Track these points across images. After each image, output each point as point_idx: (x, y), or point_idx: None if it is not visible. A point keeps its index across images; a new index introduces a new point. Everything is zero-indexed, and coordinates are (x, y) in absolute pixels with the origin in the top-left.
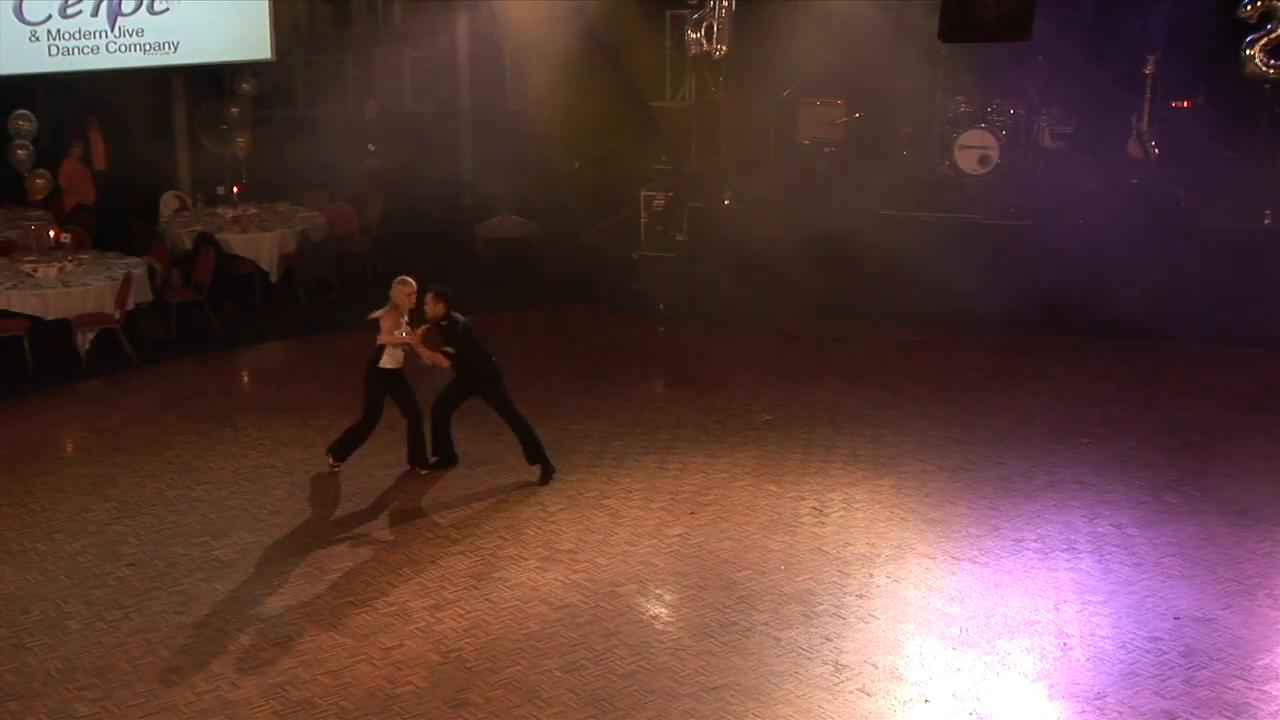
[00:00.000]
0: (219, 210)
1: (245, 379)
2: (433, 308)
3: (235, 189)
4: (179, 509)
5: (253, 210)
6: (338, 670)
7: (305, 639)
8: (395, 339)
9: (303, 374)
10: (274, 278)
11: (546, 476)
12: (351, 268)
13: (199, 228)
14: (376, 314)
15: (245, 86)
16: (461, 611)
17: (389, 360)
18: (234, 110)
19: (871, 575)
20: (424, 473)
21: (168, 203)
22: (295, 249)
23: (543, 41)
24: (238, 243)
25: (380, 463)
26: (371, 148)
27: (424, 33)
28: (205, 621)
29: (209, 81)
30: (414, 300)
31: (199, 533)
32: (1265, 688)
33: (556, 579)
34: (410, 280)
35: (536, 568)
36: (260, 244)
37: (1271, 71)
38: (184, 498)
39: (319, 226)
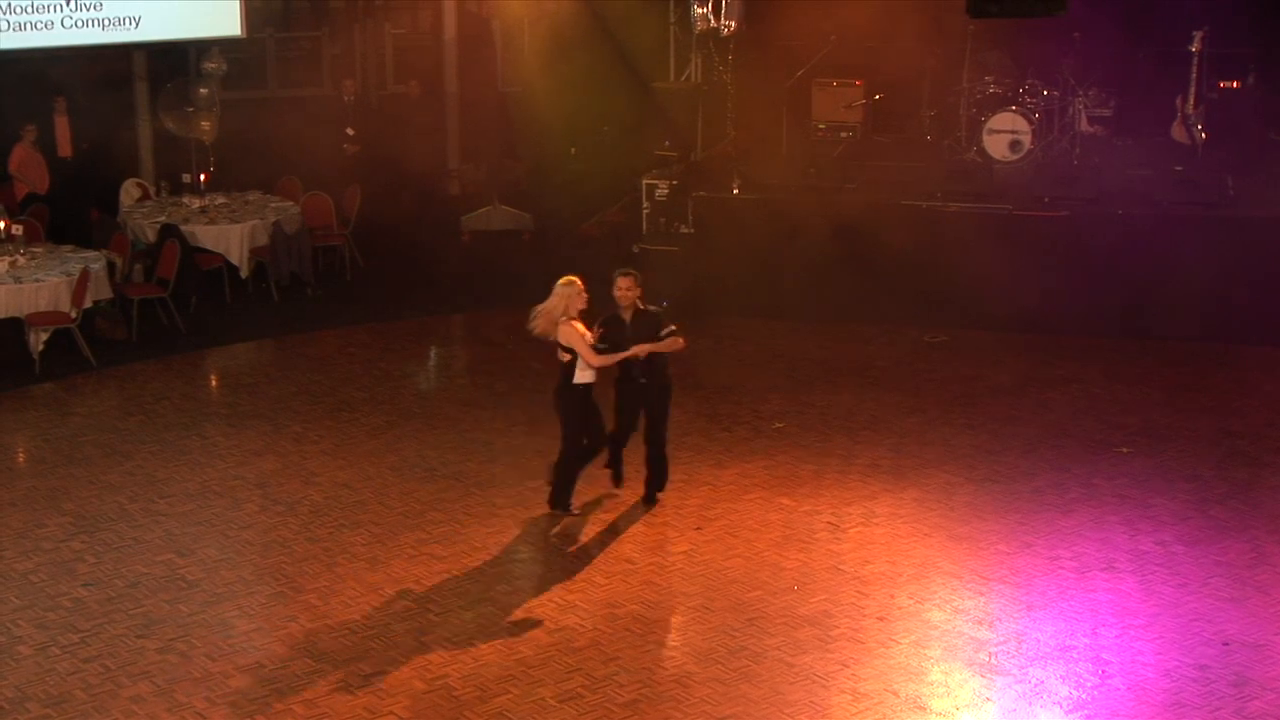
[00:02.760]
0: (185, 200)
1: (213, 383)
2: (633, 292)
3: (202, 177)
4: (141, 524)
5: (221, 200)
6: (313, 699)
7: (278, 665)
8: (606, 358)
9: (275, 377)
10: (244, 273)
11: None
12: (328, 261)
13: (163, 219)
14: (560, 339)
15: (212, 65)
16: (448, 635)
17: (582, 374)
18: (201, 91)
19: (893, 596)
20: (571, 515)
21: (129, 191)
22: (267, 242)
23: (536, 17)
24: (205, 235)
25: (361, 475)
26: (350, 132)
27: (407, 7)
28: (169, 646)
29: (173, 60)
30: (585, 302)
31: (163, 550)
32: None
33: (551, 600)
34: (578, 280)
35: (529, 587)
36: (229, 236)
37: None
38: (146, 511)
39: (293, 217)
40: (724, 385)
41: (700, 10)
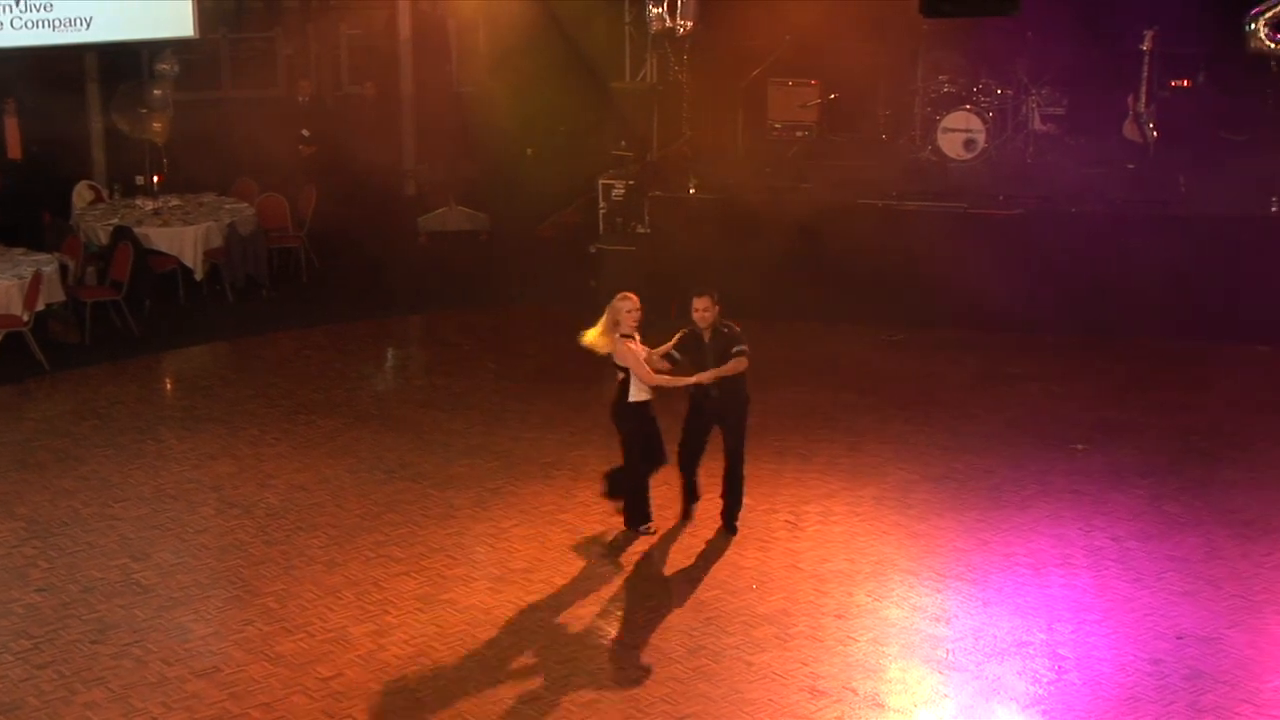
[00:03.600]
0: (138, 201)
1: (168, 386)
2: (710, 313)
3: (156, 178)
4: (95, 529)
5: (175, 201)
6: (271, 703)
7: (235, 669)
8: (674, 379)
9: (231, 380)
10: (199, 275)
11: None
12: (283, 263)
13: (116, 221)
14: (616, 359)
15: (165, 66)
16: (406, 637)
17: (638, 392)
18: (154, 92)
19: (851, 594)
20: (644, 531)
21: (81, 194)
22: (222, 243)
23: (490, 17)
24: (159, 237)
25: (318, 477)
26: (305, 133)
27: (361, 8)
28: (124, 651)
29: (126, 61)
30: (639, 320)
31: (117, 554)
32: (1274, 712)
33: (510, 601)
34: (633, 296)
35: (488, 589)
36: (183, 238)
37: (1276, 47)
38: (100, 516)
39: (248, 219)
40: None
41: (655, 10)
